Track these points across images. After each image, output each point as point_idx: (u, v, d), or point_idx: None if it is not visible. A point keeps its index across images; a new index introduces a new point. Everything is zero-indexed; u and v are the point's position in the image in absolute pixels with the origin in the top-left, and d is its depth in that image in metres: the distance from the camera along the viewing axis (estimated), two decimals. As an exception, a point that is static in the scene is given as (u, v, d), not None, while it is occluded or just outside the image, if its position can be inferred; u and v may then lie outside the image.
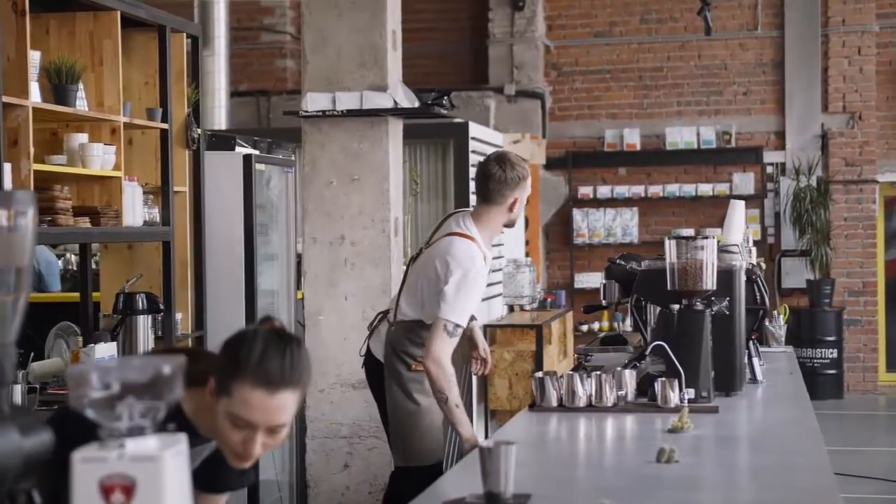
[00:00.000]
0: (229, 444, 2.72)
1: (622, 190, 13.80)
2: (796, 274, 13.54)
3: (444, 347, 4.79)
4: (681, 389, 4.58)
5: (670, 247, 4.78)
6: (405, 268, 5.44)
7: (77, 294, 6.10)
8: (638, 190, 13.76)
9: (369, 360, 5.23)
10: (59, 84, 5.08)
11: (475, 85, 13.94)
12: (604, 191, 13.84)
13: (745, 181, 13.62)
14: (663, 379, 4.58)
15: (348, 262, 6.63)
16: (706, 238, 4.79)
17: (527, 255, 12.43)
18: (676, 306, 4.77)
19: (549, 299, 11.19)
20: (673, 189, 13.71)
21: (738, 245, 5.50)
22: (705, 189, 13.56)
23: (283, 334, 2.74)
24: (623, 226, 13.78)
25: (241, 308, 6.54)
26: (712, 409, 4.55)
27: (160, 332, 5.95)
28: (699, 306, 4.77)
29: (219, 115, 10.67)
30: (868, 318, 13.64)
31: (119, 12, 5.49)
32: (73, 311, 6.09)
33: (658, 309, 4.92)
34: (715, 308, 4.84)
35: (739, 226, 5.83)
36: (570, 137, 14.11)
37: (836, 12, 13.62)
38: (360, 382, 6.39)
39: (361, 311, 6.52)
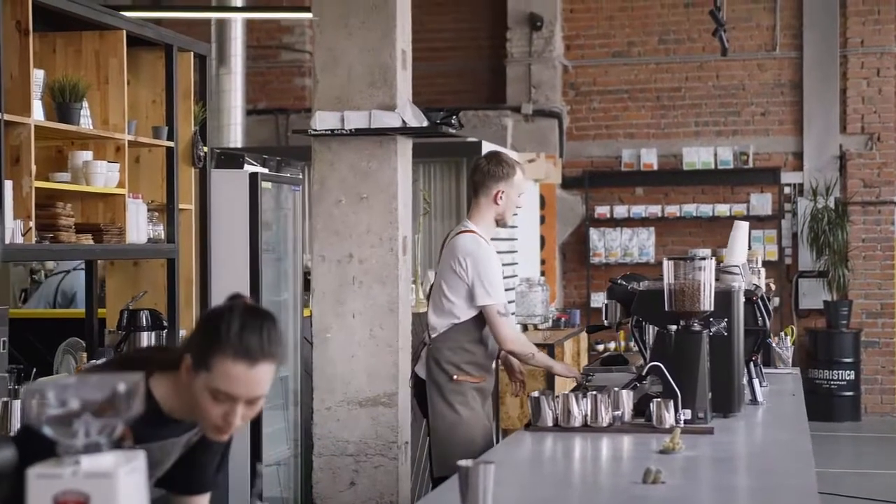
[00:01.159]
0: (210, 418, 2.78)
1: (639, 210, 13.80)
2: (813, 295, 13.49)
3: (507, 327, 5.38)
4: (676, 410, 4.58)
5: (668, 267, 4.79)
6: (426, 299, 5.85)
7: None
8: (655, 210, 13.76)
9: (417, 383, 5.59)
10: (62, 102, 5.13)
11: (493, 104, 13.98)
12: (620, 210, 13.83)
13: (762, 202, 13.59)
14: (659, 399, 4.58)
15: (356, 280, 6.65)
16: (703, 259, 4.79)
17: (542, 274, 12.44)
18: (674, 327, 4.77)
19: (562, 318, 11.18)
20: (690, 209, 13.69)
21: (739, 266, 5.49)
22: (722, 209, 13.53)
23: (258, 310, 2.83)
24: (640, 245, 13.77)
25: (246, 325, 6.56)
26: (707, 431, 4.55)
27: (165, 349, 5.98)
28: (697, 327, 4.77)
29: (234, 133, 10.74)
30: (886, 340, 13.58)
31: (125, 32, 5.54)
32: (82, 327, 6.15)
33: (656, 329, 4.92)
34: (713, 329, 4.85)
35: (742, 246, 5.82)
36: (587, 157, 14.11)
37: (855, 33, 13.60)
38: (366, 400, 6.41)
39: (369, 329, 6.53)
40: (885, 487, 9.67)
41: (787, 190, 13.70)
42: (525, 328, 10.64)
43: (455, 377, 5.40)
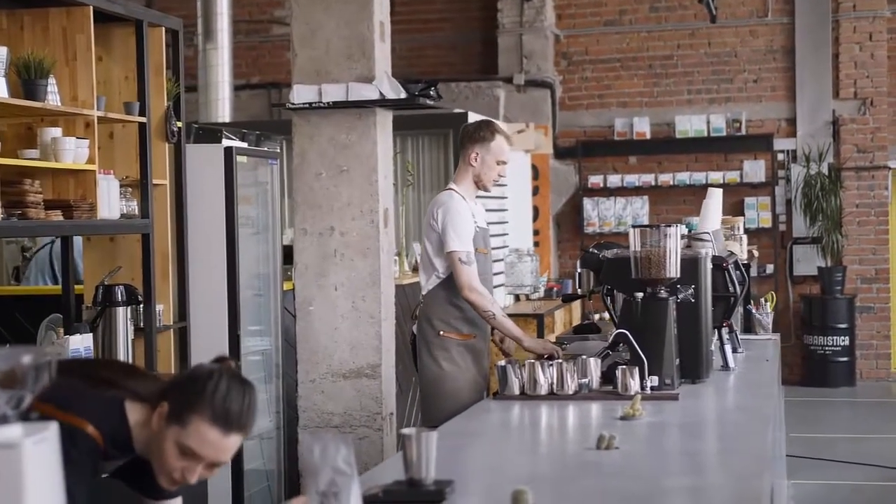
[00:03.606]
0: (167, 468, 2.82)
1: (632, 179, 13.79)
2: (808, 261, 13.49)
3: (467, 275, 5.43)
4: (642, 377, 4.60)
5: (634, 235, 4.80)
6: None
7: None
8: (648, 178, 13.75)
9: (413, 342, 5.77)
10: (28, 79, 5.13)
11: (485, 75, 13.95)
12: (614, 180, 13.82)
13: (755, 169, 13.57)
14: (623, 367, 4.59)
15: (338, 252, 6.65)
16: (669, 226, 4.79)
17: (536, 244, 12.45)
18: (640, 294, 4.78)
19: (554, 288, 11.19)
20: (683, 177, 13.68)
21: (709, 233, 5.50)
22: (716, 177, 13.51)
23: (242, 379, 2.87)
24: (633, 214, 13.76)
25: (224, 299, 6.59)
26: (672, 397, 4.57)
27: (141, 324, 6.01)
28: (663, 294, 4.78)
29: (222, 108, 10.74)
30: (881, 306, 13.58)
31: (91, 7, 5.53)
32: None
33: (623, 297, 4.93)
34: (680, 296, 4.86)
35: (715, 214, 5.84)
36: (579, 127, 14.09)
37: (847, -3, 13.56)
38: (350, 372, 6.43)
39: (351, 301, 6.54)
40: (880, 452, 9.68)
41: (780, 157, 13.68)
42: (517, 298, 10.66)
43: (441, 332, 5.56)
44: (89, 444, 2.77)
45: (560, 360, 4.71)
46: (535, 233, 12.89)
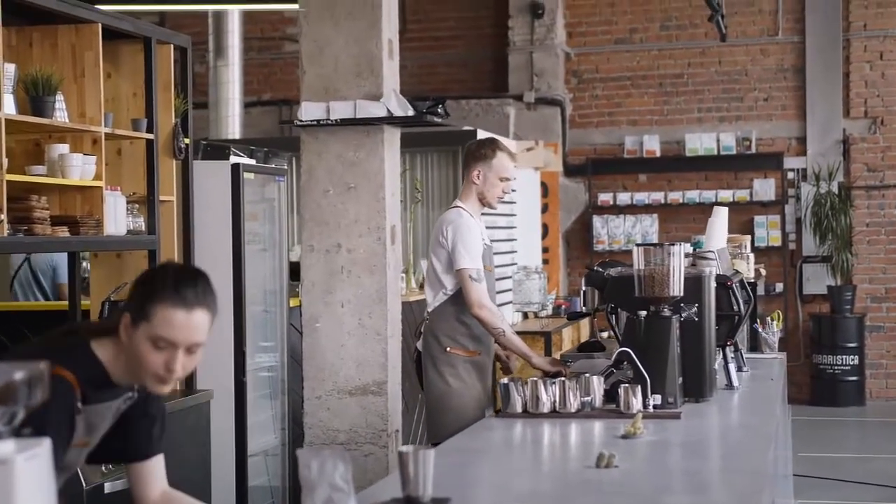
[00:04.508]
0: (151, 368, 2.92)
1: (642, 197, 13.79)
2: (817, 280, 13.47)
3: (478, 292, 5.47)
4: (645, 396, 4.60)
5: (637, 254, 4.80)
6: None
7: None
8: (658, 196, 13.75)
9: (418, 359, 5.81)
10: (36, 96, 5.16)
11: (495, 93, 13.98)
12: (624, 197, 13.83)
13: (765, 187, 13.56)
14: (626, 385, 4.59)
15: (345, 269, 6.66)
16: (673, 245, 4.80)
17: (545, 262, 12.45)
18: (643, 312, 4.78)
19: (562, 306, 11.18)
20: (693, 196, 13.68)
21: (714, 252, 5.50)
22: (725, 195, 13.50)
23: (189, 267, 3.08)
24: (643, 232, 13.76)
25: (230, 315, 6.60)
26: (674, 416, 4.56)
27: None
28: (666, 313, 4.78)
29: (232, 125, 10.78)
30: (891, 325, 13.54)
31: (100, 25, 5.57)
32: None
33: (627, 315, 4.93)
34: (683, 314, 4.86)
35: (721, 232, 5.84)
36: (590, 144, 14.11)
37: (858, 17, 13.55)
38: (356, 389, 6.43)
39: (357, 318, 6.55)
40: (889, 472, 9.65)
41: (790, 175, 13.67)
42: (525, 316, 10.66)
43: (448, 349, 5.60)
44: (63, 385, 2.87)
45: (564, 379, 4.71)
46: (545, 250, 12.90)
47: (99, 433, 3.06)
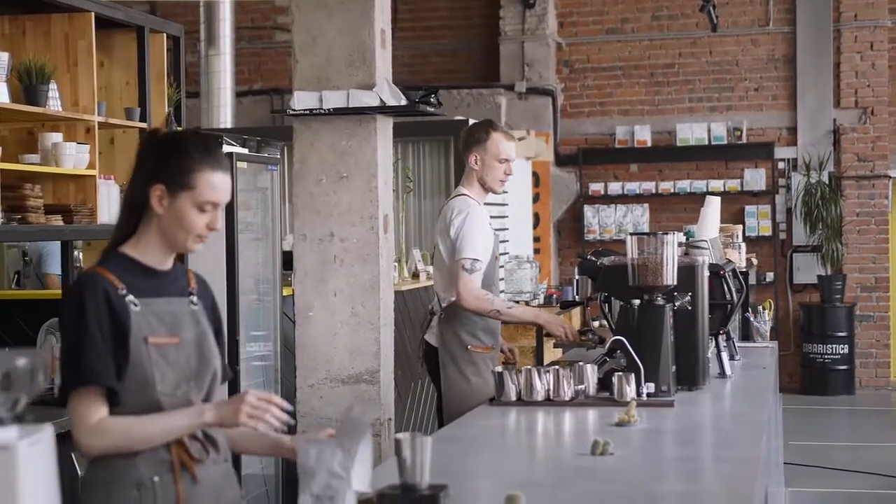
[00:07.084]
0: (195, 230, 3.08)
1: (633, 186, 13.82)
2: (807, 270, 13.51)
3: (467, 285, 5.40)
4: (638, 384, 4.61)
5: (631, 243, 4.82)
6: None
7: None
8: (649, 186, 13.77)
9: (427, 351, 5.73)
10: (29, 84, 5.16)
11: (487, 82, 13.99)
12: (615, 187, 13.85)
13: (756, 177, 13.59)
14: (620, 373, 4.61)
15: (337, 258, 6.65)
16: (666, 234, 4.81)
17: (536, 251, 12.47)
18: (637, 301, 4.79)
19: (554, 295, 11.19)
20: (684, 185, 13.71)
21: (707, 241, 5.51)
22: (716, 185, 13.53)
23: (201, 130, 3.22)
24: (634, 222, 13.78)
25: (223, 305, 6.60)
26: (668, 404, 4.58)
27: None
28: (660, 301, 4.80)
29: (224, 114, 10.75)
30: (881, 314, 13.60)
31: (93, 14, 5.56)
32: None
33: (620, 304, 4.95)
34: (676, 303, 4.87)
35: (713, 221, 5.85)
36: (581, 134, 14.12)
37: (848, 7, 13.58)
38: (349, 378, 6.44)
39: (350, 307, 6.55)
40: (879, 460, 9.69)
41: (780, 165, 13.71)
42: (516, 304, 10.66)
43: (469, 346, 5.56)
44: (88, 278, 3.03)
45: (557, 367, 4.73)
46: (536, 240, 12.92)
47: (186, 333, 3.18)
